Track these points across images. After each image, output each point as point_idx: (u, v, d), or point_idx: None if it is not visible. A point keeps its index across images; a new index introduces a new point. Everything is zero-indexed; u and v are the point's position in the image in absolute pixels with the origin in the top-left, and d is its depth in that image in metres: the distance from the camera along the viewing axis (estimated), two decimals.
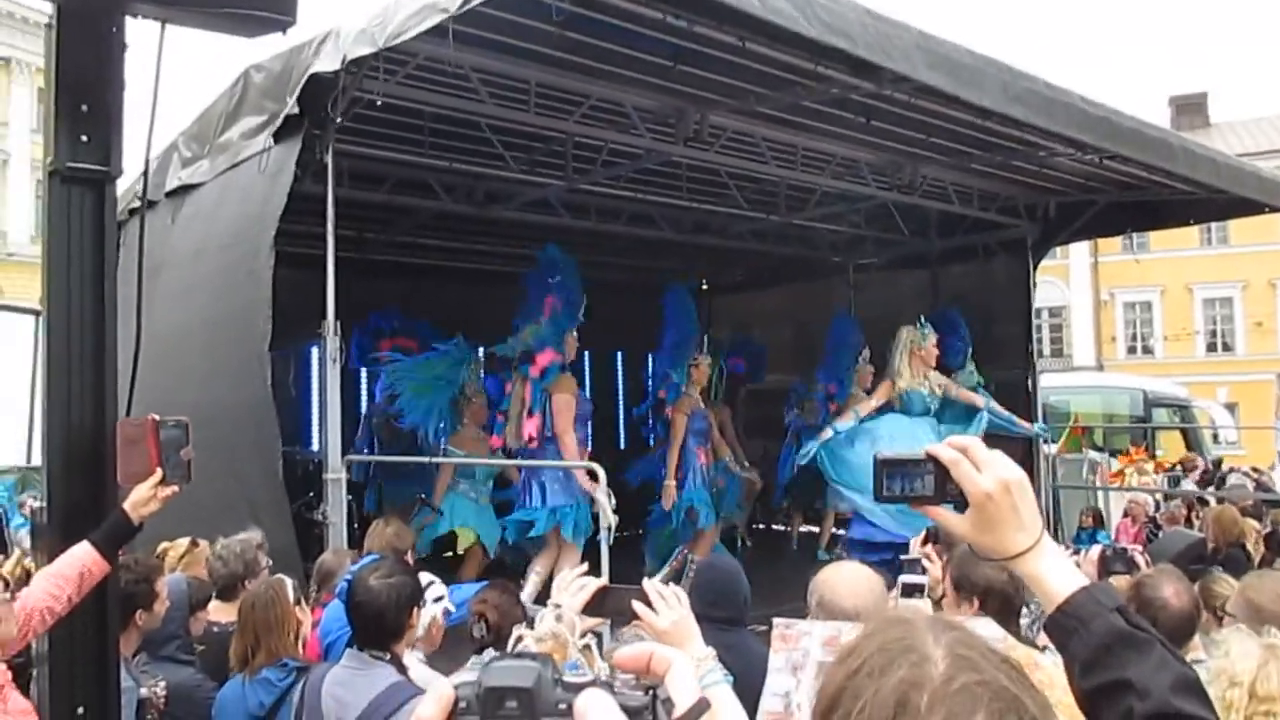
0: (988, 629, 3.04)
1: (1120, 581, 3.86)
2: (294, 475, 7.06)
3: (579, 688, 0.97)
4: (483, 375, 8.84)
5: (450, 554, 8.22)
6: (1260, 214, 9.69)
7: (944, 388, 9.22)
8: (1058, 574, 1.39)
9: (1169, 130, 9.54)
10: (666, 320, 9.09)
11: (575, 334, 7.89)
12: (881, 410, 8.94)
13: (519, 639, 2.24)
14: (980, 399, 9.40)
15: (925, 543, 4.01)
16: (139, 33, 3.09)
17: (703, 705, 1.02)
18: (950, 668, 0.99)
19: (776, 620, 2.35)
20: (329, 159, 6.06)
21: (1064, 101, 6.74)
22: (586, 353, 9.80)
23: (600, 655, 2.39)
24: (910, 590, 3.20)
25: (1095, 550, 3.92)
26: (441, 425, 8.29)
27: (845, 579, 2.96)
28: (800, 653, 1.88)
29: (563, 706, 0.96)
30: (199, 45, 7.18)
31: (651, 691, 0.99)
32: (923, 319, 9.29)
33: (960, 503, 1.43)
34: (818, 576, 3.11)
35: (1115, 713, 1.27)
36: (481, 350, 8.99)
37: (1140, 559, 3.82)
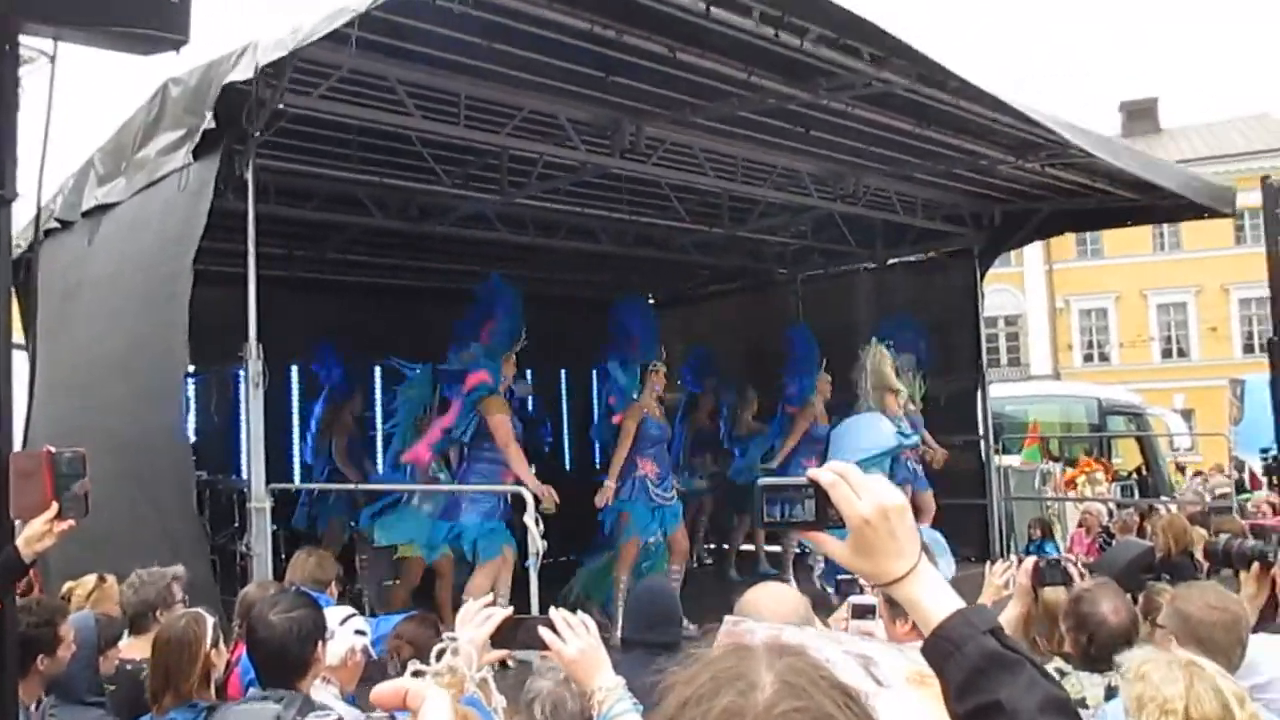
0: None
1: (1057, 594, 3.91)
2: (220, 504, 6.99)
3: None
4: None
5: None
6: (1201, 219, 9.92)
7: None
8: (934, 598, 1.41)
9: (1110, 137, 9.76)
10: (620, 327, 9.02)
11: (513, 358, 7.85)
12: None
13: (416, 673, 2.24)
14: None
15: None
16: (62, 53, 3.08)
17: None
18: (775, 695, 1.00)
19: (728, 617, 2.37)
20: (249, 174, 6.01)
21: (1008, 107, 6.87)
22: (528, 371, 9.77)
23: (496, 690, 2.39)
24: (862, 612, 3.18)
25: (1030, 561, 3.95)
26: (400, 447, 8.40)
27: (768, 600, 2.98)
28: None
29: None
30: (124, 61, 7.08)
31: None
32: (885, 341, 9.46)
33: (840, 527, 1.46)
34: (743, 598, 3.12)
35: None
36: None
37: (1074, 570, 3.85)
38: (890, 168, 8.74)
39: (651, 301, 13.37)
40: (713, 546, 11.95)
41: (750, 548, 11.51)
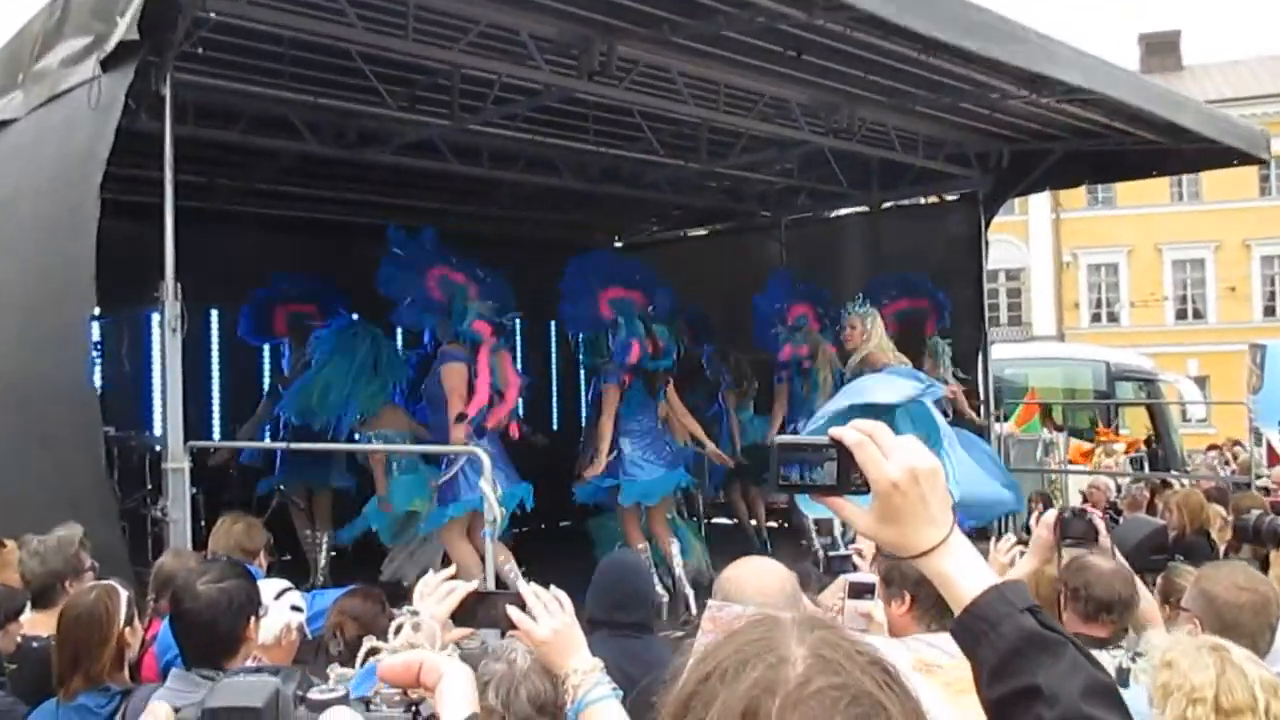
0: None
1: (1051, 569, 3.91)
2: (130, 464, 6.91)
3: (324, 705, 0.95)
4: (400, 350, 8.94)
5: None
6: (1230, 166, 9.99)
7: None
8: (967, 572, 1.41)
9: (1135, 73, 9.79)
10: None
11: None
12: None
13: (370, 651, 2.22)
14: None
15: None
16: None
17: None
18: (808, 670, 1.00)
19: (710, 602, 2.37)
20: (167, 91, 5.87)
21: (1020, 36, 6.87)
22: None
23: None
24: (859, 591, 3.19)
25: (1051, 513, 3.95)
26: (358, 417, 8.44)
27: (752, 577, 2.98)
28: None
29: None
30: None
31: (414, 708, 0.97)
32: (861, 296, 9.40)
33: (864, 492, 1.44)
34: (723, 574, 3.12)
35: None
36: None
37: (1100, 524, 3.84)
38: (889, 99, 8.70)
39: (618, 246, 13.39)
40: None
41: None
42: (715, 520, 11.47)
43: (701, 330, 11.29)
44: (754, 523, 11.30)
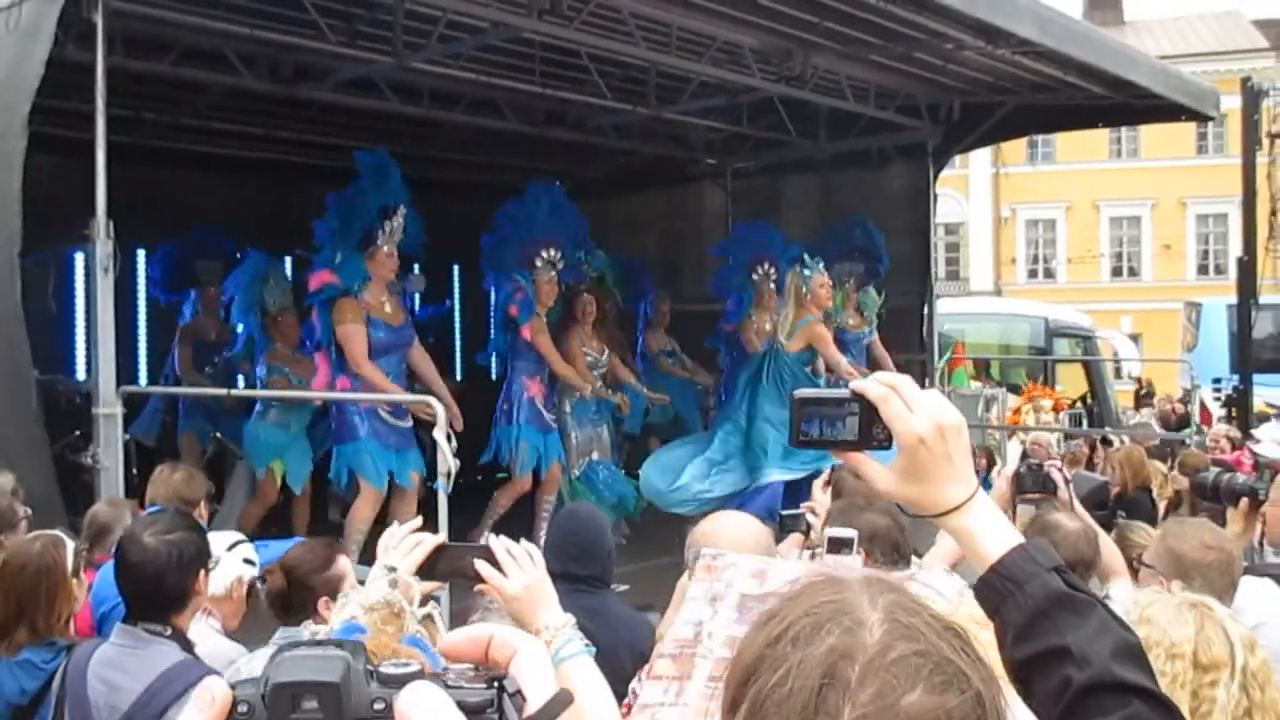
0: (949, 583, 3.10)
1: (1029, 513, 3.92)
2: (55, 409, 6.75)
3: (401, 680, 0.90)
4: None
5: None
6: (1178, 121, 10.13)
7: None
8: (992, 531, 1.41)
9: (1089, 26, 9.86)
10: (518, 218, 8.86)
11: (393, 250, 7.65)
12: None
13: (343, 607, 2.18)
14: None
15: (827, 485, 4.03)
16: None
17: (565, 698, 0.97)
18: (887, 635, 0.98)
19: (704, 550, 2.35)
20: (99, 18, 5.68)
21: None
22: (415, 266, 9.57)
23: (442, 627, 2.34)
24: (838, 545, 3.07)
25: (1010, 468, 3.96)
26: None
27: (728, 531, 2.98)
28: (723, 584, 1.94)
29: (379, 706, 0.90)
30: None
31: (497, 684, 0.93)
32: (808, 255, 9.30)
33: (885, 448, 1.43)
34: (696, 529, 3.12)
35: (1051, 683, 1.30)
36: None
37: (1058, 476, 3.84)
38: (845, 47, 8.66)
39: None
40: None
41: None
42: None
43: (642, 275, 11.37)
44: None
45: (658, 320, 11.39)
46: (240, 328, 8.84)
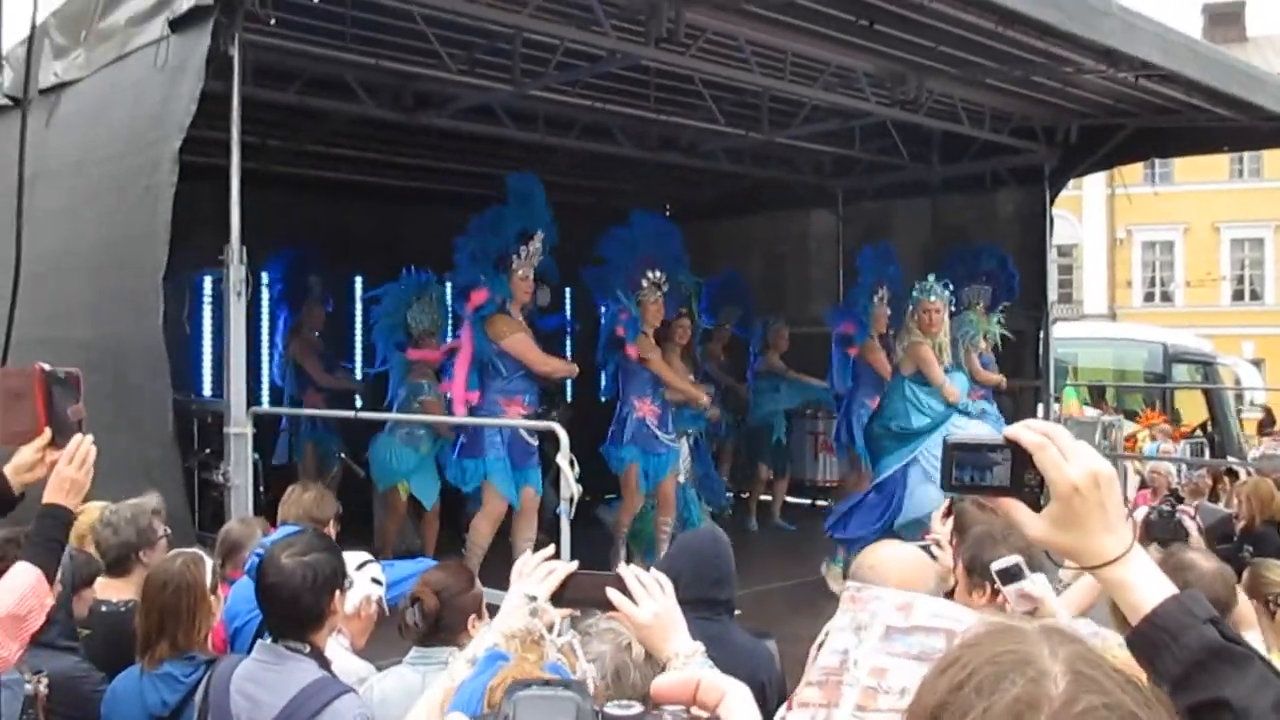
0: (1080, 628, 3.06)
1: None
2: (184, 428, 7.00)
3: None
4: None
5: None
6: None
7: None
8: (1146, 582, 1.42)
9: (1213, 47, 9.64)
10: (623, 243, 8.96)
11: (525, 275, 7.84)
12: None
13: (483, 634, 2.24)
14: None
15: (946, 517, 4.00)
16: None
17: None
18: (1072, 687, 1.00)
19: (849, 583, 2.37)
20: (235, 52, 5.90)
21: (1101, 9, 6.78)
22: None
23: (580, 655, 2.39)
24: (1010, 576, 2.94)
25: (1140, 513, 3.90)
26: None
27: (896, 567, 2.90)
28: (868, 614, 1.97)
29: None
30: None
31: None
32: (932, 278, 9.22)
33: (1035, 496, 1.45)
34: (862, 560, 3.04)
35: None
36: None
37: (1191, 524, 3.77)
38: (960, 71, 8.60)
39: (668, 213, 13.34)
40: (731, 495, 12.04)
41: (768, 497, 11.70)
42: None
43: (725, 296, 11.48)
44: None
45: (774, 344, 11.48)
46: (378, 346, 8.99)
